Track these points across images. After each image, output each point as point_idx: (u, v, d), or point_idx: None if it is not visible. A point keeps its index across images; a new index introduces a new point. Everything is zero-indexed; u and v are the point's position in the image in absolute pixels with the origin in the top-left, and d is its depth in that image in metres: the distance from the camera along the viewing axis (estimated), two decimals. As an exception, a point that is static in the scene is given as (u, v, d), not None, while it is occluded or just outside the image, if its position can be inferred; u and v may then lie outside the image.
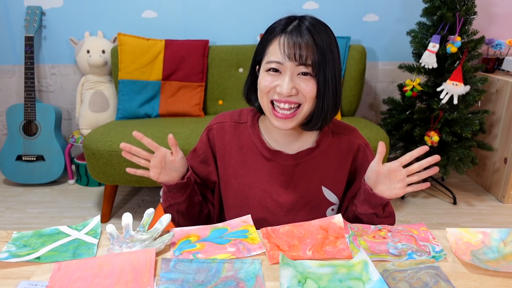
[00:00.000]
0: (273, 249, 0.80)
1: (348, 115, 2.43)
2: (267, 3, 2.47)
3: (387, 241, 0.82)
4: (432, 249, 0.80)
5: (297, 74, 0.80)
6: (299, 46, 0.77)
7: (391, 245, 0.81)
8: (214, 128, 0.97)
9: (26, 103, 2.41)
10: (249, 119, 0.96)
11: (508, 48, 2.51)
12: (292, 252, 0.79)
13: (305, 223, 0.86)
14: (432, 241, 0.82)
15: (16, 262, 0.75)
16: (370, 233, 0.85)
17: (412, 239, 0.83)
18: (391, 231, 0.85)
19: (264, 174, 0.93)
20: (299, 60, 0.77)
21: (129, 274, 0.71)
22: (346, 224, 0.86)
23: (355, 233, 0.85)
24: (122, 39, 2.33)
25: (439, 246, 0.81)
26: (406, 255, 0.78)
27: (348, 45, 2.33)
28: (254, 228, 0.85)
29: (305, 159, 0.92)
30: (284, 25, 0.80)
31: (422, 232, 0.85)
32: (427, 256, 0.78)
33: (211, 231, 0.85)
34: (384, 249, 0.80)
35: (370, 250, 0.80)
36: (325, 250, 0.80)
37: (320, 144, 0.93)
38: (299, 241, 0.82)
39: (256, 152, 0.93)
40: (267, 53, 0.81)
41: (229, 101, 2.45)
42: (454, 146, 2.22)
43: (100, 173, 1.99)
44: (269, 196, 0.93)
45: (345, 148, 0.94)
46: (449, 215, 2.21)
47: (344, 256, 0.78)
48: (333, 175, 0.94)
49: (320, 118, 0.84)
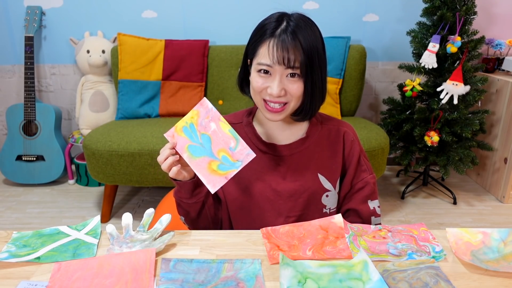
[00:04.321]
0: (273, 249, 0.80)
1: (348, 115, 2.43)
2: (267, 3, 2.47)
3: (387, 241, 0.82)
4: (432, 249, 0.80)
5: (285, 75, 0.86)
6: (287, 50, 0.83)
7: (391, 245, 0.81)
8: None
9: (26, 103, 2.41)
10: (244, 119, 1.02)
11: (508, 48, 2.51)
12: (292, 252, 0.79)
13: (305, 223, 0.87)
14: (432, 241, 0.82)
15: (16, 262, 0.75)
16: (370, 233, 0.85)
17: (412, 239, 0.83)
18: (391, 231, 0.85)
19: (262, 167, 0.97)
20: (287, 64, 0.83)
21: (129, 274, 0.71)
22: (346, 224, 0.86)
23: (355, 233, 0.85)
24: (122, 39, 2.33)
25: (439, 246, 0.81)
26: (406, 255, 0.78)
27: (348, 45, 2.33)
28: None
29: (299, 149, 0.98)
30: (273, 28, 0.85)
31: (422, 232, 0.85)
32: (427, 256, 0.78)
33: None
34: (384, 249, 0.80)
35: (370, 250, 0.80)
36: (325, 250, 0.80)
37: (310, 134, 0.98)
38: (299, 241, 0.82)
39: (253, 147, 0.96)
40: (258, 55, 0.87)
41: (229, 101, 2.45)
42: (454, 146, 2.22)
43: (100, 173, 1.99)
44: (268, 186, 0.97)
45: (335, 137, 1.00)
46: (449, 215, 2.21)
47: (344, 256, 0.78)
48: (327, 163, 0.98)
49: (309, 110, 0.92)
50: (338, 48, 2.31)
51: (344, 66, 2.34)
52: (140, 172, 1.95)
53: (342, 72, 2.33)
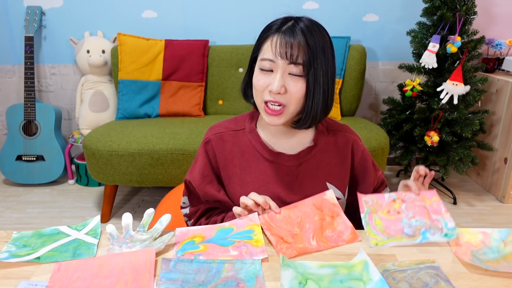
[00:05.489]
0: (279, 243, 0.81)
1: (348, 115, 2.43)
2: (267, 3, 2.47)
3: (401, 217, 0.85)
4: (444, 225, 0.82)
5: (288, 73, 0.83)
6: (291, 45, 0.80)
7: (406, 223, 0.83)
8: (212, 139, 0.97)
9: (26, 103, 2.40)
10: (246, 125, 0.98)
11: (508, 48, 2.51)
12: (298, 244, 0.81)
13: (299, 203, 0.88)
14: (445, 215, 0.84)
15: (16, 262, 0.75)
16: (385, 206, 0.87)
17: (425, 212, 0.84)
18: (405, 201, 0.87)
19: (269, 177, 0.94)
20: (290, 58, 0.80)
21: (129, 274, 0.71)
22: (361, 198, 0.88)
23: (370, 209, 0.86)
24: (122, 39, 2.33)
25: (452, 222, 0.82)
26: (420, 235, 0.80)
27: (348, 45, 2.33)
28: (260, 228, 0.84)
29: (306, 158, 0.95)
30: (279, 24, 0.83)
31: (435, 203, 0.87)
32: (440, 234, 0.81)
33: (216, 232, 0.85)
34: (399, 229, 0.83)
35: (386, 232, 0.82)
36: (326, 237, 0.83)
37: (317, 142, 0.96)
38: (300, 229, 0.84)
39: (258, 156, 0.94)
40: (261, 51, 0.85)
41: (229, 101, 2.45)
42: (454, 146, 2.22)
43: (100, 173, 1.99)
44: (277, 197, 0.93)
45: (342, 144, 0.98)
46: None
47: (346, 240, 0.82)
48: (335, 171, 0.97)
49: (310, 117, 0.86)
50: (338, 48, 2.31)
51: (344, 66, 2.34)
52: (140, 172, 1.95)
53: (342, 72, 2.33)
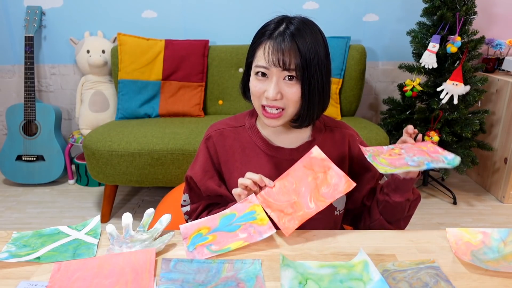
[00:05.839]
0: (280, 218, 0.83)
1: (348, 115, 2.43)
2: (267, 3, 2.47)
3: (403, 156, 0.85)
4: (444, 158, 0.82)
5: (282, 78, 0.85)
6: (282, 52, 0.82)
7: (409, 159, 0.84)
8: (213, 135, 0.99)
9: (26, 103, 2.40)
10: (246, 121, 1.00)
11: (508, 48, 2.51)
12: (298, 212, 0.83)
13: (290, 170, 0.88)
14: (443, 153, 0.85)
15: (16, 262, 0.75)
16: (386, 152, 0.88)
17: (424, 153, 0.85)
18: (403, 148, 0.88)
19: (270, 171, 0.96)
20: (282, 66, 0.82)
21: (129, 274, 0.71)
22: (362, 148, 0.88)
23: (372, 154, 0.87)
24: (122, 39, 2.33)
25: (451, 155, 0.82)
26: (424, 165, 0.80)
27: (348, 45, 2.33)
28: (261, 207, 0.86)
29: (305, 152, 0.96)
30: (271, 30, 0.84)
31: (431, 147, 0.87)
32: (442, 164, 0.80)
33: (220, 220, 0.87)
34: (403, 162, 0.82)
35: (392, 165, 0.82)
36: (323, 195, 0.84)
37: (315, 137, 0.98)
38: (297, 195, 0.85)
39: (258, 151, 0.96)
40: (255, 57, 0.86)
41: (229, 101, 2.45)
42: (454, 146, 2.22)
43: (100, 173, 1.99)
44: None
45: (339, 140, 1.00)
46: (449, 215, 2.21)
47: (342, 191, 0.83)
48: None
49: (307, 116, 0.89)
50: (338, 48, 2.31)
51: (344, 66, 2.34)
52: (140, 172, 1.95)
53: (342, 72, 2.33)
